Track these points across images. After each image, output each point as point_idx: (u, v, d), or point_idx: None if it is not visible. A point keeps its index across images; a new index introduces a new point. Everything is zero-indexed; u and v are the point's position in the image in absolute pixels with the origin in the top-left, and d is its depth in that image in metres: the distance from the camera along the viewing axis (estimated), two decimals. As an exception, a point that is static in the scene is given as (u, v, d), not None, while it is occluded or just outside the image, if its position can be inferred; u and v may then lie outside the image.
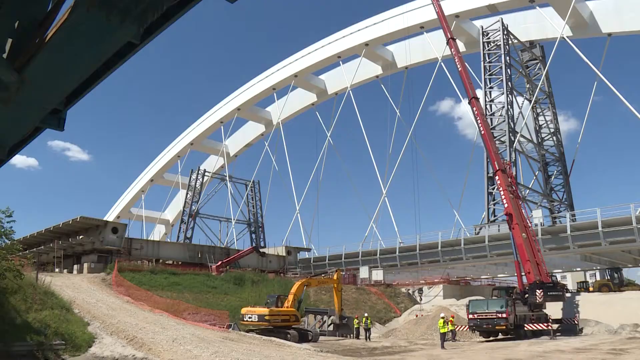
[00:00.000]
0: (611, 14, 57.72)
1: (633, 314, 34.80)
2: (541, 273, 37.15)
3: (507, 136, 55.80)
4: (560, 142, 68.02)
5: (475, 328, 33.54)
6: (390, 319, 45.54)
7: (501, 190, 40.61)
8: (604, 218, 46.02)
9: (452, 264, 56.43)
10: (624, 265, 61.43)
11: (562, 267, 67.05)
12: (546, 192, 64.55)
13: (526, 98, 67.07)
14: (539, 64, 67.58)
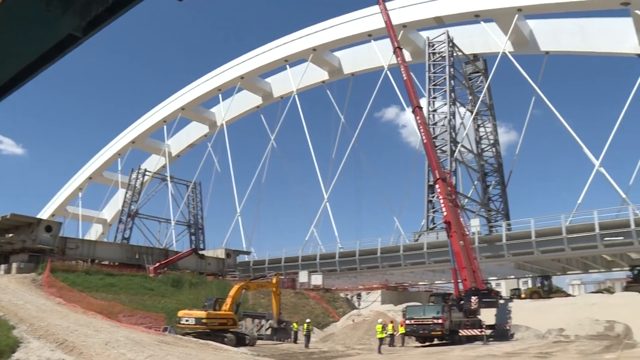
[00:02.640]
0: (549, 33, 60.32)
1: (559, 320, 36.20)
2: (477, 280, 38.10)
3: (449, 146, 57.07)
4: (499, 154, 70.16)
5: (412, 333, 34.08)
6: (328, 324, 45.71)
7: (441, 199, 41.41)
8: (537, 228, 47.75)
9: (391, 270, 57.17)
10: (554, 273, 63.85)
11: (497, 275, 69.01)
12: (484, 201, 66.38)
13: (468, 109, 68.85)
14: (482, 76, 69.62)
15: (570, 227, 46.32)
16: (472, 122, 67.76)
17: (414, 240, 56.33)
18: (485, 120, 70.71)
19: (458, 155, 60.37)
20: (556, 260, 55.20)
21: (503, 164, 69.87)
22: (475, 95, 69.20)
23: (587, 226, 45.63)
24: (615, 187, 48.52)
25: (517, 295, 58.73)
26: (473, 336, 34.05)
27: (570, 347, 26.78)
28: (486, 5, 59.33)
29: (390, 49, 52.75)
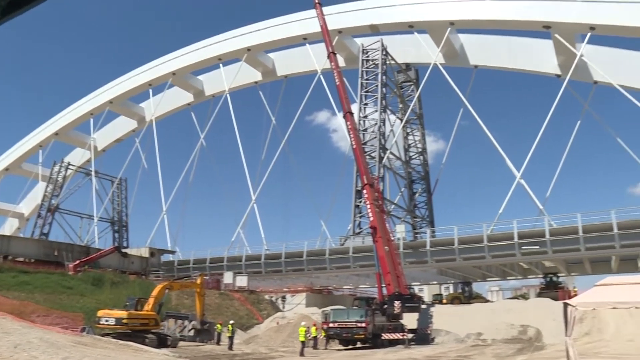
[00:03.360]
0: (478, 48, 62.62)
1: (478, 324, 37.43)
2: (400, 285, 38.72)
3: (378, 152, 57.89)
4: (427, 162, 71.88)
5: (335, 336, 34.24)
6: (252, 326, 45.36)
7: (368, 204, 41.84)
8: (459, 235, 49.39)
9: (316, 273, 57.38)
10: (474, 279, 66.02)
11: (420, 280, 70.51)
12: (410, 208, 67.76)
13: (398, 117, 70.14)
14: (413, 86, 71.18)
15: (491, 236, 48.16)
16: (401, 130, 69.09)
17: (340, 244, 56.76)
18: (415, 128, 72.30)
19: (386, 161, 61.35)
20: (477, 267, 57.13)
21: (430, 172, 71.66)
22: (406, 104, 70.64)
23: (506, 235, 47.59)
24: (533, 199, 50.66)
25: (438, 300, 60.20)
26: (395, 340, 34.58)
27: (487, 350, 27.72)
28: (420, 17, 60.81)
29: (324, 53, 53.09)
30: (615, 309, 18.89)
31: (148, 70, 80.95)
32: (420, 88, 67.93)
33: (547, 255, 46.83)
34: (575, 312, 15.60)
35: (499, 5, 57.32)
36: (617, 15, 51.41)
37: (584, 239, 44.45)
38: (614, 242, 43.59)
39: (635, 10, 50.74)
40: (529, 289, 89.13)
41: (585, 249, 44.73)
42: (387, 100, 64.93)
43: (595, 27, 52.37)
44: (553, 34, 54.78)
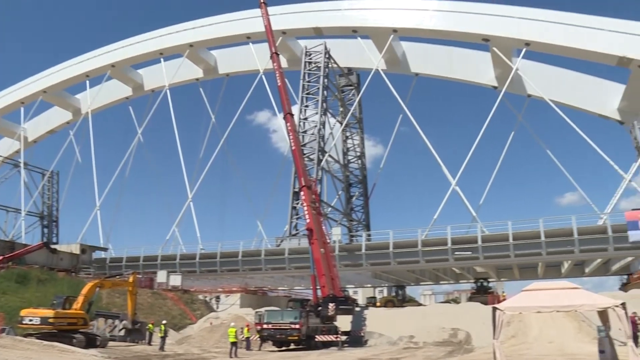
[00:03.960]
0: (420, 56, 63.94)
1: (410, 327, 38.06)
2: (335, 287, 38.93)
3: (316, 154, 58.11)
4: (365, 166, 72.79)
5: (269, 338, 34.07)
6: (185, 326, 44.59)
7: (305, 206, 41.79)
8: (395, 240, 50.12)
9: (251, 273, 56.97)
10: (408, 283, 67.23)
11: (355, 283, 71.21)
12: (347, 211, 68.38)
13: (338, 120, 70.74)
14: (354, 90, 71.99)
15: (425, 241, 49.11)
16: (341, 133, 69.67)
17: (276, 245, 56.58)
18: (354, 132, 73.13)
19: (325, 164, 61.70)
20: (411, 271, 58.08)
21: (367, 176, 72.73)
22: (346, 108, 71.35)
23: (440, 240, 48.68)
24: (467, 206, 52.00)
25: (372, 303, 60.99)
26: (329, 342, 34.70)
27: (418, 353, 28.20)
28: (364, 22, 61.54)
29: (267, 53, 52.88)
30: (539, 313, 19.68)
31: (86, 60, 78.16)
32: (361, 93, 68.72)
33: (479, 260, 48.22)
34: (503, 316, 16.13)
35: (441, 16, 58.69)
36: (550, 33, 53.69)
37: (513, 245, 46.06)
38: (541, 249, 45.40)
39: (566, 31, 53.19)
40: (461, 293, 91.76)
41: (514, 255, 46.37)
42: (328, 103, 65.44)
43: (530, 43, 54.53)
44: (491, 47, 56.64)
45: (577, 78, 58.53)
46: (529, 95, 58.47)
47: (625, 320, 15.54)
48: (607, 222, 46.14)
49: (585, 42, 52.34)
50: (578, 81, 58.30)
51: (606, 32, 52.07)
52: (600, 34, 52.07)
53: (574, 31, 52.94)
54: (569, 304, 16.74)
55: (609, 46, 51.44)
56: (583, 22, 53.32)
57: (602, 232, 44.84)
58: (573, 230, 44.80)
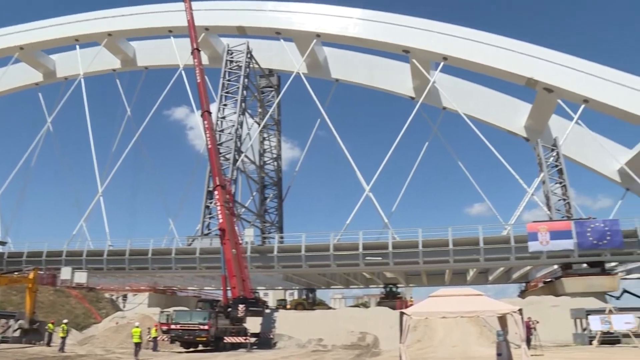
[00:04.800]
0: (341, 63, 64.95)
1: (320, 330, 38.32)
2: (245, 289, 38.59)
3: (233, 154, 57.47)
4: (280, 168, 72.74)
5: (177, 338, 33.29)
6: (89, 325, 42.70)
7: (218, 206, 41.24)
8: (307, 243, 50.26)
9: (161, 272, 55.43)
10: (318, 286, 67.76)
11: (266, 285, 70.96)
12: (260, 212, 68.08)
13: (256, 121, 70.41)
14: (274, 92, 71.85)
15: (337, 245, 49.67)
16: (258, 134, 69.33)
17: (187, 245, 55.39)
18: (272, 134, 72.98)
19: (240, 164, 61.11)
20: (322, 275, 58.71)
21: (283, 179, 72.62)
22: (265, 109, 71.13)
23: (352, 245, 49.35)
24: (380, 212, 53.06)
25: (283, 305, 61.01)
26: (238, 343, 34.35)
27: (326, 356, 28.40)
28: (288, 25, 61.73)
29: (188, 48, 51.83)
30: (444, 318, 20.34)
31: (-11, 40, 73.37)
32: (281, 95, 68.82)
33: (389, 266, 49.32)
34: (410, 320, 16.52)
35: (365, 25, 59.91)
36: (467, 50, 56.08)
37: (423, 252, 47.41)
38: (449, 257, 47.05)
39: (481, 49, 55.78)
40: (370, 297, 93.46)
41: (423, 262, 47.78)
42: (247, 103, 64.98)
43: (447, 58, 56.74)
44: (411, 58, 58.42)
45: (489, 94, 61.53)
46: (444, 108, 60.66)
47: (521, 324, 16.39)
48: (510, 232, 48.58)
49: (498, 62, 55.22)
50: (490, 97, 61.30)
51: (517, 54, 55.28)
52: (512, 55, 55.18)
53: (489, 50, 55.73)
54: (472, 309, 17.41)
55: (519, 67, 54.61)
56: (498, 42, 56.27)
57: (506, 242, 47.13)
58: (479, 240, 46.75)
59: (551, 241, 45.13)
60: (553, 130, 57.61)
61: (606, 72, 53.61)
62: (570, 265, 46.56)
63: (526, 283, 66.35)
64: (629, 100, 51.80)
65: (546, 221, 48.82)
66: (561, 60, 54.83)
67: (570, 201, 52.22)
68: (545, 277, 57.06)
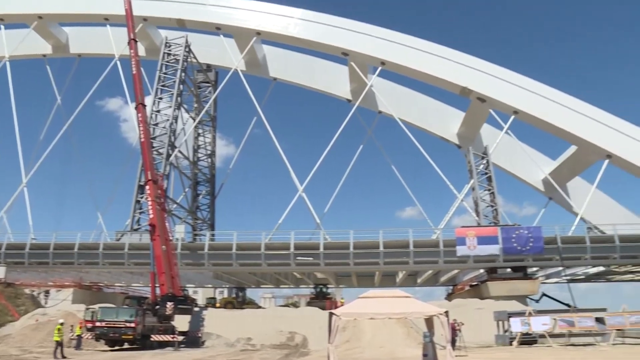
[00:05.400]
0: (280, 62, 64.94)
1: (249, 329, 38.26)
2: (174, 286, 38.00)
3: (166, 149, 56.30)
4: (214, 165, 71.87)
5: (102, 336, 32.40)
6: (5, 324, 40.73)
7: (149, 200, 40.46)
8: (238, 241, 49.82)
9: (87, 267, 53.58)
10: (249, 285, 67.42)
11: (195, 282, 70.02)
12: (192, 209, 67.06)
13: (192, 116, 69.29)
14: (211, 87, 70.95)
15: (268, 244, 49.51)
16: (193, 129, 68.27)
17: (115, 239, 53.85)
18: (207, 130, 72.02)
19: (174, 160, 60.05)
20: (252, 274, 58.37)
21: (216, 176, 71.81)
22: (201, 104, 70.11)
23: (283, 245, 49.28)
24: (312, 213, 53.32)
25: (212, 304, 60.38)
26: (165, 342, 33.79)
27: (255, 355, 28.35)
28: (228, 21, 61.06)
29: (125, 38, 50.49)
30: (373, 319, 20.72)
31: None
32: (218, 91, 67.99)
33: (320, 267, 49.56)
34: (339, 321, 16.72)
35: (305, 25, 60.06)
36: (405, 56, 57.27)
37: (353, 254, 47.98)
38: (379, 259, 47.78)
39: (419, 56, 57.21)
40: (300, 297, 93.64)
41: (354, 263, 48.34)
42: (183, 98, 63.92)
43: (385, 63, 57.74)
44: (350, 61, 59.05)
45: (425, 101, 63.10)
46: (380, 112, 61.68)
47: (447, 326, 16.93)
48: (439, 236, 49.89)
49: (435, 69, 56.73)
50: (425, 104, 62.89)
51: (454, 63, 56.96)
52: (449, 64, 56.82)
53: (427, 58, 57.18)
54: (400, 311, 17.81)
55: (455, 76, 56.30)
56: (435, 50, 57.79)
57: (435, 245, 48.35)
58: (409, 243, 47.73)
59: (478, 246, 46.68)
60: (484, 138, 59.70)
61: (536, 86, 56.10)
62: (495, 269, 48.28)
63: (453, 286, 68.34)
64: (555, 114, 54.35)
65: (474, 226, 50.46)
66: (495, 72, 56.92)
67: (497, 208, 54.20)
68: (472, 281, 58.96)
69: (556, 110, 54.60)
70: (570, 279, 57.54)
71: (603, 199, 59.25)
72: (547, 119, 54.35)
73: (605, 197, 60.07)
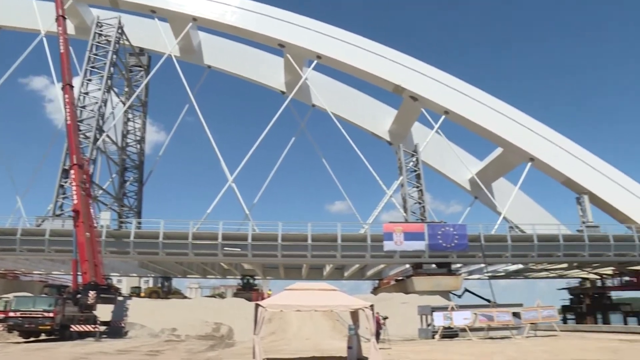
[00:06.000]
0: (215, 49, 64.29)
1: (174, 320, 37.66)
2: (97, 275, 37.00)
3: (93, 133, 54.33)
4: (143, 151, 70.06)
5: (16, 327, 30.97)
6: None
7: (74, 185, 39.12)
8: (165, 230, 48.79)
9: (3, 254, 51.18)
10: (175, 275, 66.37)
11: (120, 271, 68.30)
12: (119, 196, 65.21)
13: (122, 101, 67.25)
14: (143, 72, 68.97)
15: (196, 234, 48.71)
16: (123, 114, 66.30)
17: (35, 225, 51.69)
18: (137, 115, 70.09)
19: (101, 144, 58.21)
20: (179, 263, 57.45)
21: (145, 162, 70.08)
22: (132, 89, 68.19)
23: (211, 235, 48.66)
24: (241, 203, 53.07)
25: (136, 293, 59.11)
26: (86, 332, 32.77)
27: (179, 346, 27.95)
28: (165, 4, 59.67)
29: (52, 13, 48.37)
30: (299, 311, 20.89)
31: None
32: (150, 76, 66.17)
33: (247, 258, 49.36)
34: (265, 312, 16.76)
35: (243, 14, 59.50)
36: (340, 51, 57.76)
37: (281, 246, 48.02)
38: (307, 252, 48.07)
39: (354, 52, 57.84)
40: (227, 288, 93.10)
41: (281, 255, 48.40)
42: (114, 81, 62.03)
43: (321, 57, 58.07)
44: (286, 53, 58.94)
45: (359, 97, 63.93)
46: (314, 105, 61.95)
47: (372, 320, 17.30)
48: (367, 231, 50.67)
49: (370, 66, 57.54)
50: (359, 100, 63.70)
51: (389, 61, 57.96)
52: (384, 62, 57.76)
53: (362, 54, 57.92)
54: (326, 304, 18.05)
55: (389, 74, 57.34)
56: (372, 47, 58.63)
57: (363, 240, 49.10)
58: (337, 236, 48.24)
59: (405, 242, 47.81)
60: (415, 137, 61.11)
61: (467, 88, 58.06)
62: (420, 265, 49.65)
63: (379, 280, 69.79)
64: (483, 117, 56.36)
65: (402, 222, 51.63)
66: (429, 72, 58.39)
67: (425, 205, 55.69)
68: (397, 276, 60.40)
69: (485, 112, 56.65)
70: (492, 275, 59.95)
71: (525, 200, 62.10)
72: (476, 120, 56.25)
73: (527, 198, 63.01)
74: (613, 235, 51.74)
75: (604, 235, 52.03)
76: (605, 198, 55.37)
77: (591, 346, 23.11)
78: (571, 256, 51.38)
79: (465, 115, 56.44)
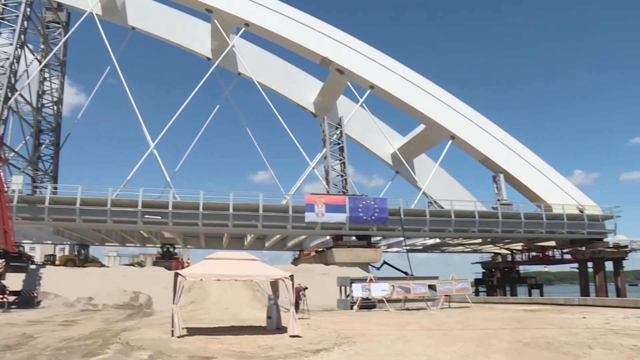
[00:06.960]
0: (140, 11, 61.86)
1: (91, 289, 36.76)
2: (7, 242, 35.44)
3: (5, 91, 51.40)
4: (60, 113, 67.02)
5: None
6: None
7: (-18, 147, 37.21)
8: (83, 196, 47.02)
9: None
10: (92, 243, 64.55)
11: (33, 238, 65.70)
12: (33, 159, 62.25)
13: (37, 58, 63.82)
14: (62, 29, 65.55)
15: (115, 201, 47.32)
16: (38, 73, 63.00)
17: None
18: (54, 75, 66.77)
19: (14, 104, 55.09)
20: (97, 231, 55.93)
21: (63, 125, 67.11)
22: (49, 47, 64.73)
23: (131, 202, 47.44)
24: (163, 170, 52.05)
25: (51, 261, 57.17)
26: (-6, 302, 31.45)
27: (96, 316, 27.37)
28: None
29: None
30: (219, 281, 20.95)
31: None
32: (69, 34, 62.96)
33: (168, 226, 48.61)
34: (185, 281, 16.73)
35: (170, -24, 57.59)
36: (269, 20, 57.01)
37: (203, 215, 47.56)
38: (228, 221, 47.84)
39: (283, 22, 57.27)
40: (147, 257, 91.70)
41: (202, 224, 47.99)
42: (28, 36, 58.52)
43: (249, 25, 57.14)
44: (213, 19, 57.58)
45: (285, 67, 63.64)
46: (240, 74, 61.18)
47: (292, 290, 17.60)
48: (289, 202, 50.93)
49: (297, 37, 57.20)
50: (286, 70, 63.42)
51: (317, 32, 57.81)
52: (312, 33, 57.57)
53: (291, 24, 57.48)
54: (246, 274, 18.21)
55: (316, 46, 57.25)
56: (301, 18, 58.24)
57: (284, 210, 49.40)
58: (259, 206, 48.27)
59: (326, 213, 48.48)
60: (340, 109, 61.64)
61: (393, 64, 58.94)
62: (341, 237, 50.52)
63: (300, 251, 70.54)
64: (407, 93, 57.52)
65: (324, 194, 52.22)
66: (356, 46, 58.73)
67: (347, 178, 56.46)
68: (318, 247, 61.26)
69: (409, 89, 57.84)
70: (410, 249, 61.87)
71: (444, 177, 64.30)
72: (400, 96, 57.35)
73: (447, 175, 65.23)
74: (524, 213, 54.63)
75: (516, 212, 54.83)
76: (519, 177, 58.18)
77: (499, 316, 24.48)
78: (485, 232, 53.96)
79: (390, 91, 57.39)
